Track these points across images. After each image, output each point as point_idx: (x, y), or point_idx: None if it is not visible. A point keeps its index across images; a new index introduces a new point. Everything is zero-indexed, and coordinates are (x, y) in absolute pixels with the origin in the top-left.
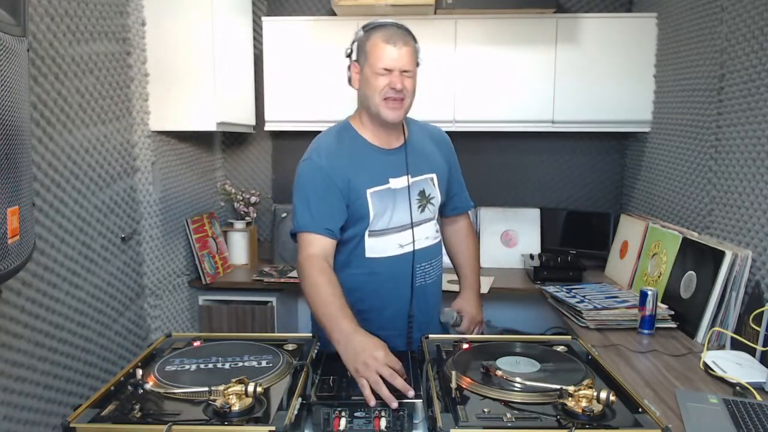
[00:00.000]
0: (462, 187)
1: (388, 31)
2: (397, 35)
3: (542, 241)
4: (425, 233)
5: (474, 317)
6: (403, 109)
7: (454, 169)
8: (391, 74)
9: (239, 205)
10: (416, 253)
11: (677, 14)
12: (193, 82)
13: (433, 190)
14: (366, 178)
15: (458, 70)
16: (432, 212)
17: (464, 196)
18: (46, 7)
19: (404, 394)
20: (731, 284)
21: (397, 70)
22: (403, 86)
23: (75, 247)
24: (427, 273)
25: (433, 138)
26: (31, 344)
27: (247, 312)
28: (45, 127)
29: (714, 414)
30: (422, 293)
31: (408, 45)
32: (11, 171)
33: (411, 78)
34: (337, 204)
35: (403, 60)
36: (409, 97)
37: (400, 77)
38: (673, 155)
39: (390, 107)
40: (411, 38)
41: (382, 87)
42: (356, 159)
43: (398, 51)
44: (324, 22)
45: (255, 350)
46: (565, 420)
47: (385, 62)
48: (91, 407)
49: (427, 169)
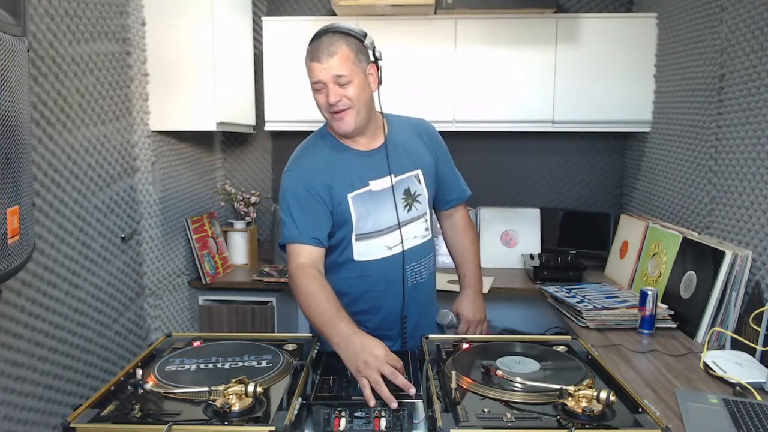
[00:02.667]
0: (455, 177)
1: (315, 46)
2: (322, 47)
3: (542, 241)
4: (414, 232)
5: (472, 318)
6: (350, 118)
7: (442, 160)
8: (326, 87)
9: (239, 205)
10: (405, 253)
11: (677, 14)
12: (193, 82)
13: (419, 187)
14: (346, 183)
15: (458, 70)
16: (420, 210)
17: (458, 187)
18: (46, 7)
19: (406, 393)
20: (731, 284)
21: (329, 81)
22: (341, 96)
23: (75, 247)
24: (418, 272)
25: (417, 131)
26: (31, 344)
27: (247, 312)
28: (45, 127)
29: (714, 414)
30: (414, 293)
31: (334, 54)
32: (11, 171)
33: (349, 83)
34: (321, 212)
35: (331, 71)
36: (355, 104)
37: (333, 89)
38: (673, 155)
39: (337, 119)
40: (343, 42)
41: (323, 103)
42: (335, 165)
43: (323, 65)
44: (324, 22)
45: (255, 350)
46: (565, 420)
47: (314, 78)
48: (91, 407)
49: (411, 166)
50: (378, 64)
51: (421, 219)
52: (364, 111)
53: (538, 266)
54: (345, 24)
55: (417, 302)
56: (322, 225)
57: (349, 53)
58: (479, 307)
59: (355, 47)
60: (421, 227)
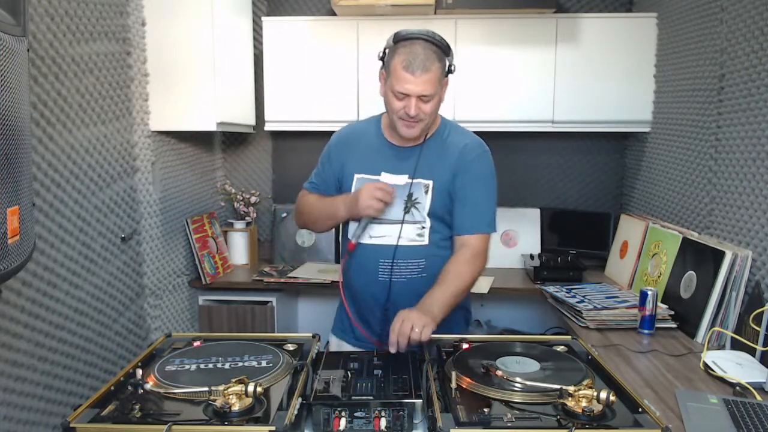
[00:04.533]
0: (471, 206)
1: (411, 54)
2: (418, 60)
3: (542, 241)
4: (405, 233)
5: (401, 317)
6: (418, 128)
7: (462, 183)
8: (408, 98)
9: (239, 205)
10: (386, 248)
11: (677, 14)
12: (193, 82)
13: (422, 196)
14: (358, 165)
15: (458, 70)
16: (416, 216)
17: (469, 217)
18: (46, 7)
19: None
20: (731, 284)
21: (414, 95)
22: (419, 111)
23: (75, 247)
24: (402, 271)
25: (458, 146)
26: (31, 344)
27: (247, 312)
28: (45, 127)
29: (714, 414)
30: (400, 290)
31: (429, 71)
32: (11, 171)
33: (430, 101)
34: (332, 180)
35: (420, 87)
36: (427, 118)
37: (416, 103)
38: (673, 155)
39: (405, 125)
40: (436, 58)
41: (398, 109)
42: (361, 147)
43: (416, 79)
44: (324, 22)
45: (255, 350)
46: (565, 420)
47: (402, 88)
48: (91, 407)
49: (428, 175)
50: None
51: (416, 225)
52: (428, 124)
53: (538, 266)
54: (438, 35)
55: (402, 301)
56: (328, 185)
57: (439, 72)
58: (418, 314)
59: (444, 65)
60: (413, 232)
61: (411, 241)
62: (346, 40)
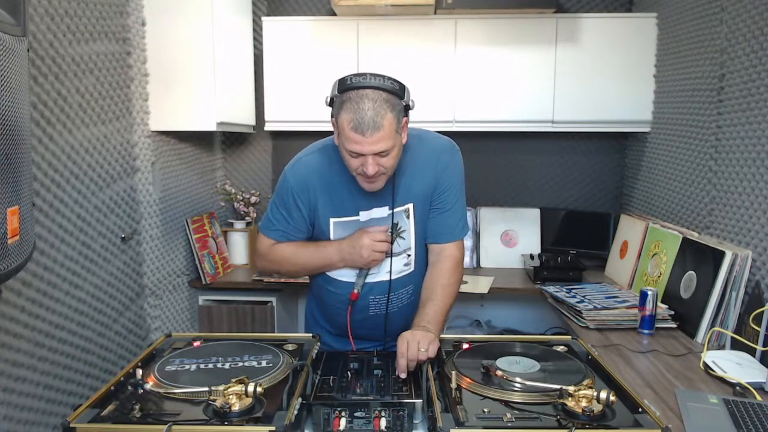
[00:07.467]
0: (449, 212)
1: (359, 112)
2: (367, 118)
3: (542, 241)
4: (394, 267)
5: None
6: (381, 181)
7: (442, 188)
8: (363, 157)
9: (239, 205)
10: (376, 285)
11: (677, 14)
12: (193, 82)
13: (405, 223)
14: (331, 209)
15: (458, 70)
16: (402, 246)
17: (447, 224)
18: (46, 7)
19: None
20: (731, 284)
21: (370, 154)
22: (379, 167)
23: (75, 247)
24: (393, 302)
25: (432, 155)
26: (31, 344)
27: (247, 312)
28: (45, 127)
29: (714, 414)
30: (390, 321)
31: (381, 129)
32: (11, 171)
33: (388, 154)
34: (303, 222)
35: (374, 147)
36: (389, 170)
37: (373, 161)
38: (673, 155)
39: (366, 182)
40: (389, 108)
41: (355, 167)
42: (327, 188)
43: (367, 139)
44: (324, 22)
45: (255, 350)
46: (565, 420)
47: (354, 148)
48: (91, 407)
49: (406, 199)
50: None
51: (402, 255)
52: (393, 170)
53: (538, 266)
54: (389, 79)
55: (397, 329)
56: (301, 231)
57: (393, 122)
58: (422, 333)
59: (397, 110)
60: (401, 263)
61: (399, 273)
62: (346, 40)
